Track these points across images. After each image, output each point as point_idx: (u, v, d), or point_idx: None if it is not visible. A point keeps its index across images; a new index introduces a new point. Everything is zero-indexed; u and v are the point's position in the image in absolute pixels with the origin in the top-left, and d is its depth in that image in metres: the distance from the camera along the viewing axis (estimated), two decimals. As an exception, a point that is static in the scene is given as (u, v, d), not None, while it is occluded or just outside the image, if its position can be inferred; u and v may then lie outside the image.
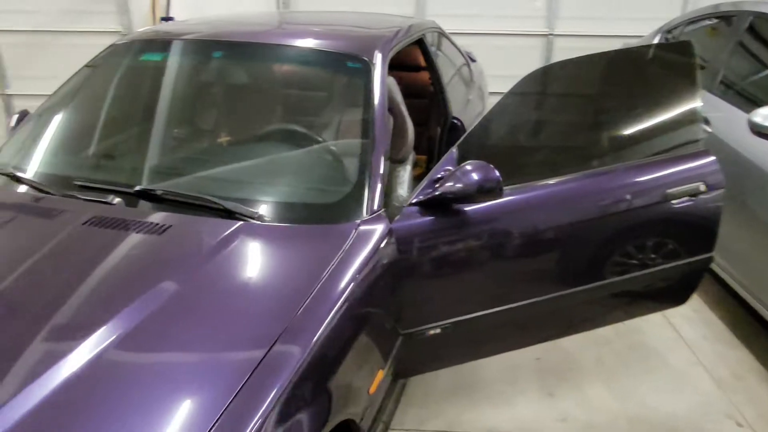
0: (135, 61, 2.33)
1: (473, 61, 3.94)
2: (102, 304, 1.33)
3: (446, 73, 3.02)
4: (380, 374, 1.64)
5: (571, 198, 1.95)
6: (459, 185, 1.71)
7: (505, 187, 1.78)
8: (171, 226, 1.62)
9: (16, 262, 1.49)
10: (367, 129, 1.94)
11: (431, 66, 2.85)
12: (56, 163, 2.05)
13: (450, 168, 1.80)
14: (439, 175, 1.81)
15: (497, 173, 1.71)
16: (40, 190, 1.83)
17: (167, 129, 2.12)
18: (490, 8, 5.34)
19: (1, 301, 1.36)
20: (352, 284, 1.49)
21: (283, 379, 1.18)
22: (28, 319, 1.29)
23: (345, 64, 2.14)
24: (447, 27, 3.48)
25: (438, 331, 1.88)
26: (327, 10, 4.69)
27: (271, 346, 1.23)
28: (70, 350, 1.19)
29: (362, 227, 1.70)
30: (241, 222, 1.66)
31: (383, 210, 1.78)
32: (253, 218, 1.68)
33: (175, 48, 2.29)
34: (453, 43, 3.47)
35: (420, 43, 2.76)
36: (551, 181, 1.95)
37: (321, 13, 3.50)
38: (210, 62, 2.31)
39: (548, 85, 2.24)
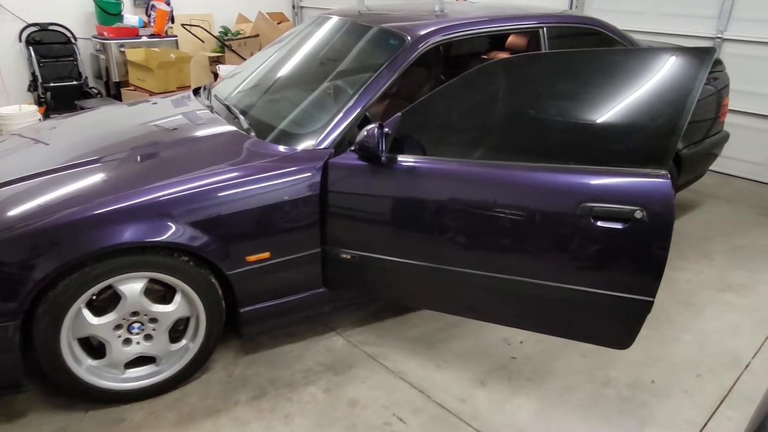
0: (311, 29, 3.10)
1: None
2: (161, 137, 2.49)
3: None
4: (266, 255, 2.16)
5: (476, 181, 2.01)
6: (357, 139, 2.12)
7: (422, 156, 2.11)
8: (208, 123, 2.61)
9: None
10: (359, 88, 2.40)
11: None
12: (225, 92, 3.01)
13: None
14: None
15: (376, 140, 2.02)
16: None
17: (278, 77, 2.90)
18: (656, 5, 5.10)
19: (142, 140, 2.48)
20: (250, 179, 2.10)
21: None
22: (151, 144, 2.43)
23: (388, 41, 2.63)
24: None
25: (348, 257, 2.25)
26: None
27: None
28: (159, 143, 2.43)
29: (299, 154, 2.24)
30: (235, 128, 2.50)
31: (331, 148, 2.29)
32: (242, 128, 2.48)
33: (326, 23, 3.03)
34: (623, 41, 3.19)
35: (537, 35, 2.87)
36: (469, 161, 2.04)
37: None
38: (330, 35, 2.95)
39: (530, 72, 2.16)
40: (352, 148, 2.21)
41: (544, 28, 2.88)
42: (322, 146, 2.28)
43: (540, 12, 3.02)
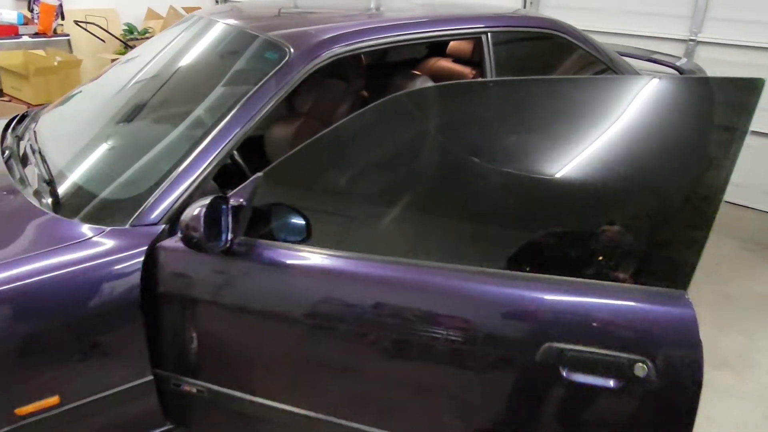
0: (182, 36, 2.28)
1: None
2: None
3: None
4: (53, 401, 1.36)
5: (376, 288, 1.27)
6: (180, 224, 1.33)
7: (292, 245, 1.36)
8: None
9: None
10: (212, 127, 1.58)
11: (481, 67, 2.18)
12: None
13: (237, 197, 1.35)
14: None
15: (202, 225, 1.26)
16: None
17: (118, 108, 2.03)
18: (620, 2, 4.47)
19: None
20: (18, 287, 1.30)
21: None
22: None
23: (265, 54, 1.88)
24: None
25: (193, 390, 1.46)
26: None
27: None
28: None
29: (110, 235, 1.44)
30: (25, 196, 1.63)
31: (162, 223, 1.49)
32: (33, 195, 1.62)
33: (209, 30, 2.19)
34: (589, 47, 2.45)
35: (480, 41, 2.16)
36: (367, 256, 1.31)
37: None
38: (207, 48, 2.14)
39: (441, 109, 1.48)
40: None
41: (488, 34, 2.15)
42: (147, 221, 1.48)
43: (483, 13, 2.28)
